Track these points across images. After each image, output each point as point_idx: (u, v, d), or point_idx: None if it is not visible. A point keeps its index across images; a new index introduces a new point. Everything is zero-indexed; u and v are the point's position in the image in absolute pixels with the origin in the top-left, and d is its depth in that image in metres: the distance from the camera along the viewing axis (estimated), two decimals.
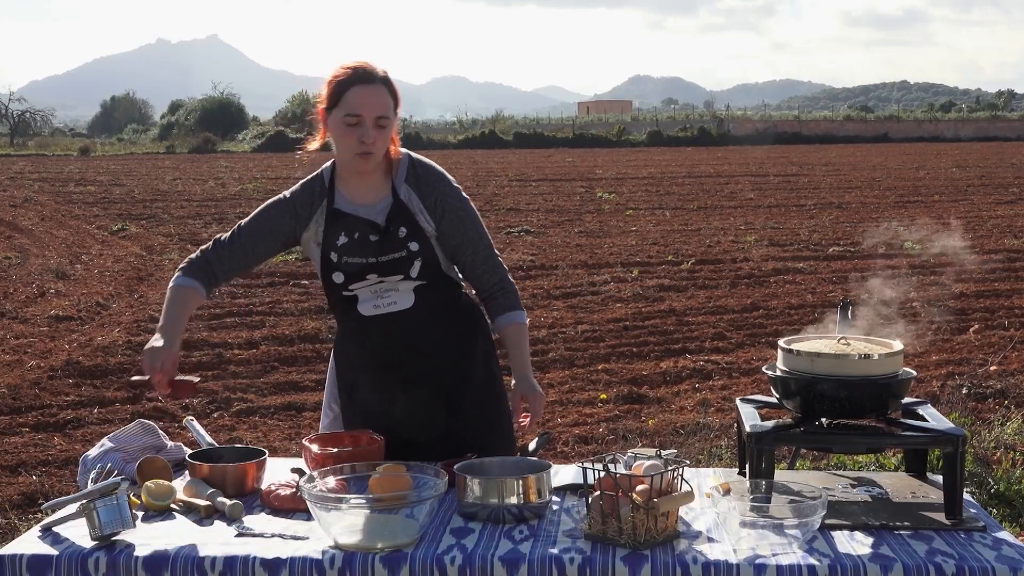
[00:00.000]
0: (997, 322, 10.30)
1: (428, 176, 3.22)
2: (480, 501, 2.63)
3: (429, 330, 3.18)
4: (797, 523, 2.47)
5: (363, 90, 3.06)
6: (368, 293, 3.16)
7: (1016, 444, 6.35)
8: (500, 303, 3.25)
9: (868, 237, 16.07)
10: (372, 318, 3.17)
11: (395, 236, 3.12)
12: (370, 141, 3.06)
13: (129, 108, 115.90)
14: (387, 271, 3.13)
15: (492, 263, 3.26)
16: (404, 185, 3.18)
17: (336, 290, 3.19)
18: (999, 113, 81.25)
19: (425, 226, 3.15)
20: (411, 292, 3.16)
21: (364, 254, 3.12)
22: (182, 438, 3.78)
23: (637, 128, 64.87)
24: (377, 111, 3.06)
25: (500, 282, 3.26)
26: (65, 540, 2.54)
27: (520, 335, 3.24)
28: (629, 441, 6.61)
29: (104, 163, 40.63)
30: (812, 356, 2.79)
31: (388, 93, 3.10)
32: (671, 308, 11.02)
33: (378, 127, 3.07)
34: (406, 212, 3.15)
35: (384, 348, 3.18)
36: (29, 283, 12.65)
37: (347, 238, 3.14)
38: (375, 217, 3.15)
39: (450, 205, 3.20)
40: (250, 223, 3.27)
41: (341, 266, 3.14)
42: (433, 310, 3.19)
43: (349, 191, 3.20)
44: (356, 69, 3.09)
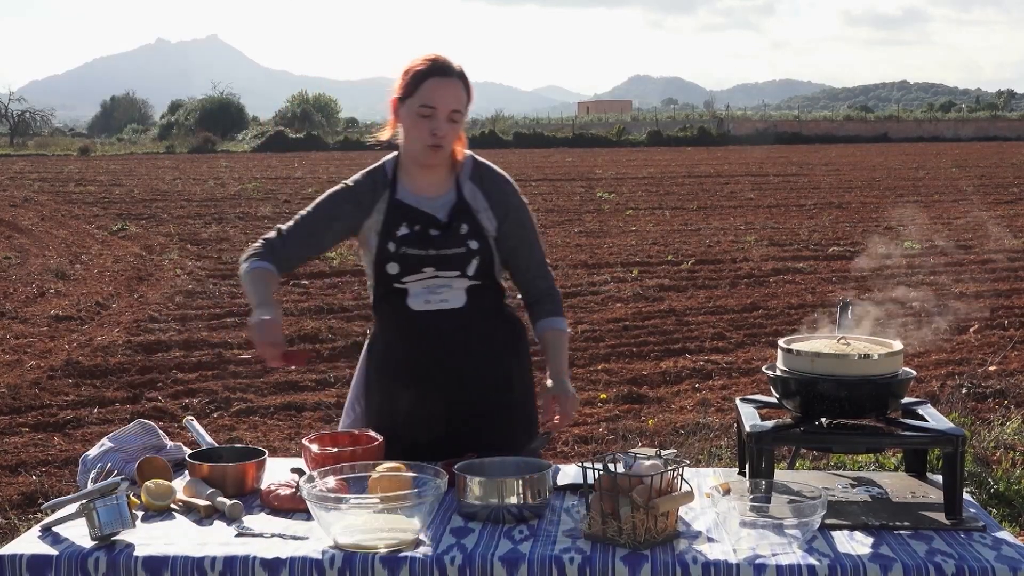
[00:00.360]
0: (997, 322, 10.30)
1: (493, 176, 3.25)
2: (480, 501, 2.63)
3: (476, 333, 3.18)
4: (797, 523, 2.47)
5: (439, 82, 3.07)
6: (420, 287, 3.14)
7: (1016, 444, 6.35)
8: (546, 308, 3.29)
9: (868, 240, 16.08)
10: (421, 313, 3.15)
11: (456, 232, 3.13)
12: (442, 134, 3.07)
13: (129, 108, 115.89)
14: (445, 266, 3.12)
15: (544, 270, 3.30)
16: (469, 182, 3.20)
17: (387, 281, 3.16)
18: (999, 113, 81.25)
19: (487, 225, 3.16)
20: (463, 292, 3.16)
21: (423, 246, 3.11)
22: (182, 438, 3.78)
23: (637, 128, 64.87)
24: (452, 104, 3.07)
25: (549, 289, 3.31)
26: (65, 540, 2.54)
27: (561, 340, 3.28)
28: (629, 441, 6.61)
29: (104, 163, 40.64)
30: (812, 356, 2.79)
31: (463, 88, 3.11)
32: (671, 308, 11.03)
33: (450, 121, 3.08)
34: (469, 210, 3.16)
35: (429, 345, 3.16)
36: (29, 283, 12.66)
37: (408, 229, 3.13)
38: (437, 211, 3.15)
39: (513, 206, 3.22)
40: (313, 211, 3.23)
41: (398, 257, 3.12)
42: (482, 314, 3.19)
43: (413, 183, 3.19)
44: (434, 61, 3.09)
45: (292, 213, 3.35)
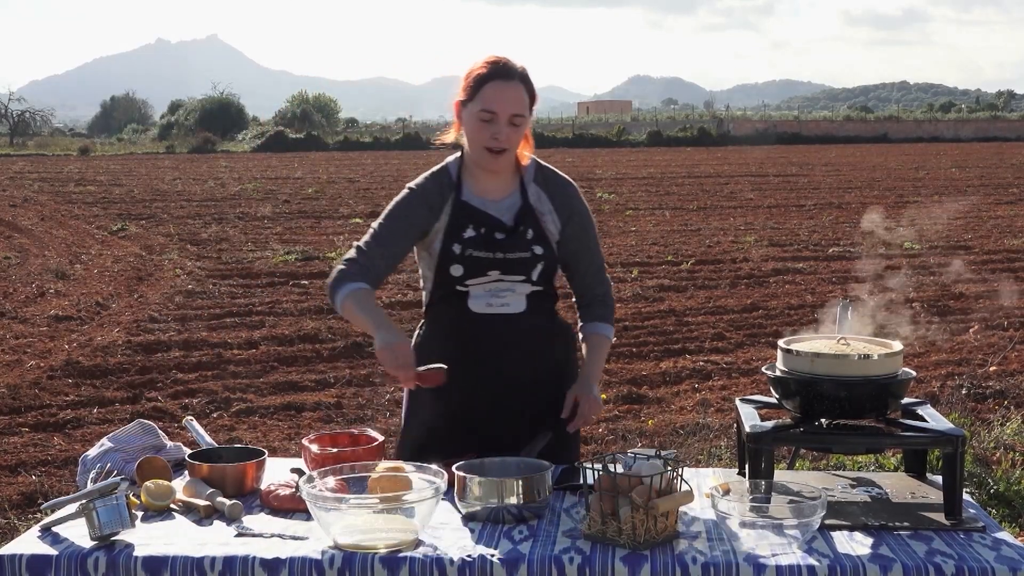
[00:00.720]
0: (997, 322, 10.30)
1: (557, 179, 3.24)
2: (480, 501, 2.63)
3: (533, 338, 3.19)
4: (797, 523, 2.47)
5: (500, 86, 3.05)
6: (482, 291, 3.13)
7: (1015, 444, 6.35)
8: (597, 312, 3.30)
9: (865, 239, 16.09)
10: (481, 316, 3.14)
11: (523, 236, 3.12)
12: (503, 138, 3.05)
13: (129, 108, 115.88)
14: (510, 270, 3.11)
15: (602, 275, 3.32)
16: (533, 185, 3.19)
17: (450, 283, 3.14)
18: (999, 113, 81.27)
19: (551, 228, 3.16)
20: (524, 297, 3.16)
21: (490, 249, 3.10)
22: (181, 438, 3.78)
23: (637, 128, 64.88)
24: (513, 109, 3.05)
25: (604, 295, 3.32)
26: (65, 540, 2.54)
27: (603, 346, 3.28)
28: (629, 441, 6.61)
29: (104, 163, 40.65)
30: (812, 356, 2.79)
31: (525, 91, 3.09)
32: (671, 308, 11.03)
33: (512, 125, 3.06)
34: (534, 213, 3.16)
35: (487, 348, 3.14)
36: (29, 283, 12.65)
37: (474, 232, 3.12)
38: (502, 214, 3.14)
39: (577, 210, 3.22)
40: (388, 221, 3.17)
41: (463, 259, 3.11)
42: (540, 319, 3.21)
43: (477, 185, 3.18)
44: (495, 64, 3.07)
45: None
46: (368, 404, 7.57)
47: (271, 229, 17.80)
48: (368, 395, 7.81)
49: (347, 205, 21.58)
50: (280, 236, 16.92)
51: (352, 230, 17.58)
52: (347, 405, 7.58)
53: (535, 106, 3.15)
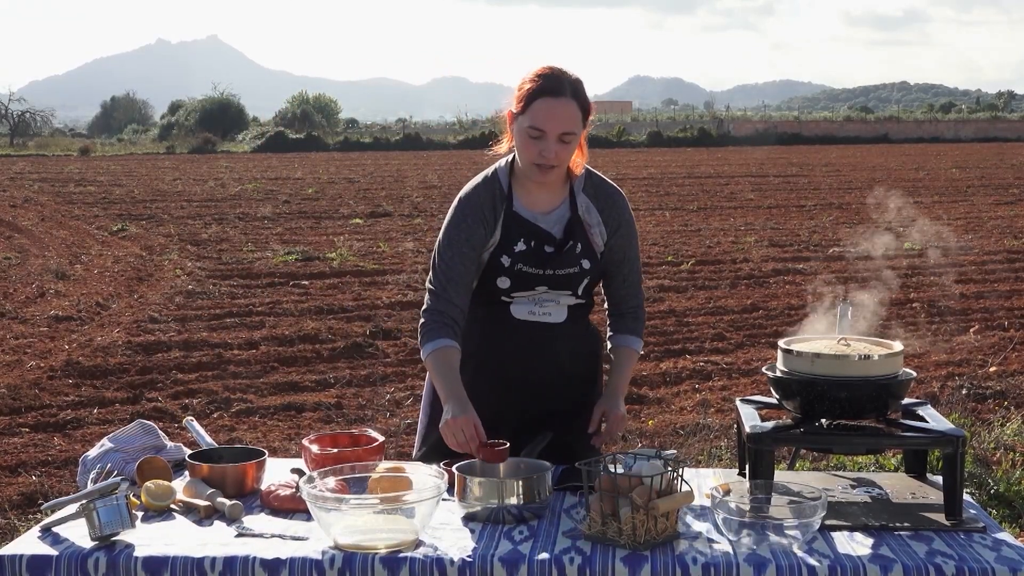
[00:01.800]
0: (997, 323, 10.30)
1: (606, 187, 3.20)
2: (480, 502, 2.63)
3: (568, 346, 3.19)
4: (797, 524, 2.47)
5: (550, 104, 2.95)
6: (527, 300, 3.14)
7: (1016, 445, 6.35)
8: (628, 324, 3.28)
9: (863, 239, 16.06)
10: (522, 322, 3.15)
11: (572, 251, 3.10)
12: (551, 156, 2.97)
13: (129, 108, 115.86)
14: (558, 285, 3.11)
15: (637, 289, 3.30)
16: (583, 195, 3.14)
17: (495, 293, 3.13)
18: (999, 114, 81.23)
19: (598, 240, 3.13)
20: (566, 308, 3.16)
21: (539, 265, 3.08)
22: (182, 438, 3.78)
23: (637, 129, 64.83)
24: (562, 127, 2.96)
25: (637, 308, 3.30)
26: (65, 540, 2.54)
27: (630, 359, 3.28)
28: (629, 442, 6.61)
29: (104, 163, 40.62)
30: (812, 357, 2.79)
31: (577, 106, 2.98)
32: (671, 308, 11.03)
33: (562, 143, 2.97)
34: (582, 226, 3.12)
35: (523, 354, 3.15)
36: (29, 283, 12.65)
37: (525, 246, 3.08)
38: (551, 227, 3.11)
39: (625, 220, 3.19)
40: (450, 252, 3.09)
41: (512, 273, 3.09)
42: (578, 328, 3.22)
43: (527, 196, 3.13)
44: (546, 78, 2.98)
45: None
46: (368, 404, 7.57)
47: (271, 229, 17.79)
48: (368, 395, 7.81)
49: (347, 205, 21.57)
50: (280, 236, 16.92)
51: (352, 230, 17.58)
52: (347, 405, 7.58)
53: (591, 117, 3.05)
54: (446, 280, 3.08)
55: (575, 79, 3.02)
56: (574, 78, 3.02)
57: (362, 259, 14.25)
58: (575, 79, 3.02)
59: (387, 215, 19.82)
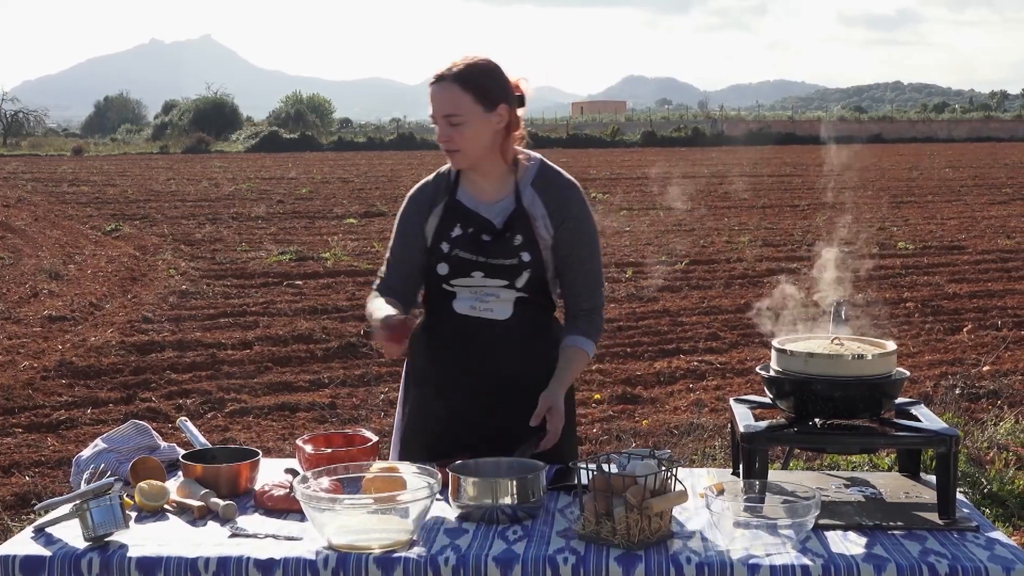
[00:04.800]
0: (990, 322, 10.32)
1: (557, 182, 3.17)
2: (474, 501, 2.63)
3: (519, 348, 3.14)
4: (791, 523, 2.47)
5: (433, 90, 3.04)
6: (468, 293, 3.13)
7: (1009, 444, 6.36)
8: (580, 327, 3.19)
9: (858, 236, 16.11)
10: (465, 318, 3.13)
11: (509, 242, 3.09)
12: (444, 139, 3.05)
13: (123, 108, 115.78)
14: (494, 274, 3.09)
15: (592, 289, 3.21)
16: (530, 188, 3.13)
17: (437, 281, 3.15)
18: (992, 114, 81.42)
19: (543, 233, 3.11)
20: (511, 304, 3.13)
21: (475, 251, 3.09)
22: (175, 439, 3.78)
23: (631, 128, 64.88)
24: (444, 109, 3.02)
25: (591, 310, 3.20)
26: (58, 541, 2.53)
27: (578, 360, 3.17)
28: (623, 441, 6.62)
29: (97, 163, 40.59)
30: (806, 356, 2.79)
31: (462, 88, 3.00)
32: (665, 308, 11.04)
33: (451, 125, 3.02)
34: (526, 218, 3.10)
35: (470, 351, 3.14)
36: (22, 283, 12.63)
37: (461, 231, 3.11)
38: (493, 217, 3.12)
39: (572, 214, 3.14)
40: (396, 239, 3.24)
41: (449, 257, 3.11)
42: (527, 329, 3.16)
43: (472, 187, 3.17)
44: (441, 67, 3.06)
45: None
46: (362, 404, 7.57)
47: (265, 229, 17.78)
48: (362, 395, 7.81)
49: (341, 205, 21.56)
50: (274, 236, 16.90)
51: (346, 230, 17.58)
52: (341, 405, 7.58)
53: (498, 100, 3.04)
54: (388, 268, 3.26)
55: (466, 65, 3.04)
56: (466, 65, 3.04)
57: (356, 259, 14.25)
58: (466, 65, 3.04)
59: (381, 215, 19.80)
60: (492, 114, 3.05)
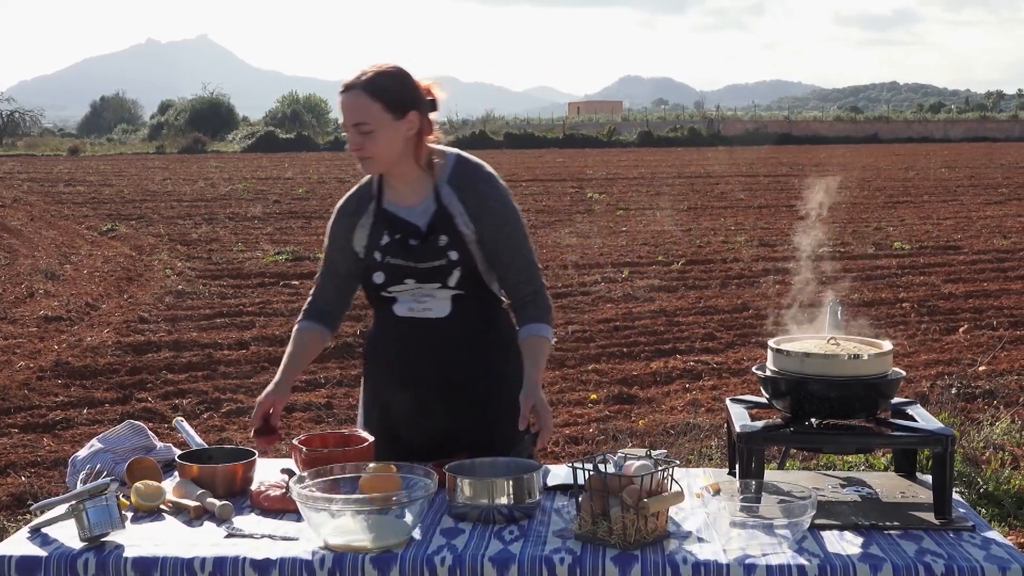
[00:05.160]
0: (986, 322, 10.33)
1: (471, 177, 3.15)
2: (470, 501, 2.63)
3: (462, 344, 3.14)
4: (787, 523, 2.48)
5: (342, 98, 3.05)
6: (406, 296, 3.14)
7: (1005, 444, 6.37)
8: (530, 314, 3.17)
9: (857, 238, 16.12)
10: (406, 319, 3.15)
11: (435, 244, 3.09)
12: (354, 147, 3.06)
13: (119, 108, 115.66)
14: (425, 278, 3.10)
15: (529, 274, 3.18)
16: (447, 187, 3.13)
17: (375, 290, 3.17)
18: (988, 114, 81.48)
19: (465, 230, 3.10)
20: (448, 301, 3.13)
21: (404, 257, 3.10)
22: (172, 439, 3.77)
23: (627, 128, 64.88)
24: (352, 118, 3.03)
25: (534, 294, 3.18)
26: (54, 541, 2.53)
27: (541, 348, 3.13)
28: (619, 441, 6.62)
29: (94, 163, 40.54)
30: (802, 356, 2.79)
31: (371, 97, 3.00)
32: (661, 308, 11.04)
33: (360, 133, 3.02)
34: (447, 217, 3.10)
35: (413, 351, 3.16)
36: (18, 283, 12.62)
37: (389, 238, 3.12)
38: (417, 220, 3.12)
39: (490, 208, 3.12)
40: (328, 250, 3.29)
41: (383, 266, 3.12)
42: (469, 324, 3.15)
43: (393, 193, 3.18)
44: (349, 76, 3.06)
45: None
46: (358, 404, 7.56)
47: (261, 229, 17.77)
48: (358, 395, 7.80)
49: None
50: (270, 236, 16.89)
51: None
52: (337, 405, 7.57)
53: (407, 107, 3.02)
54: (321, 277, 3.33)
55: (375, 74, 3.03)
56: (374, 73, 3.03)
57: None
58: (375, 74, 3.03)
59: None
60: (402, 121, 3.03)
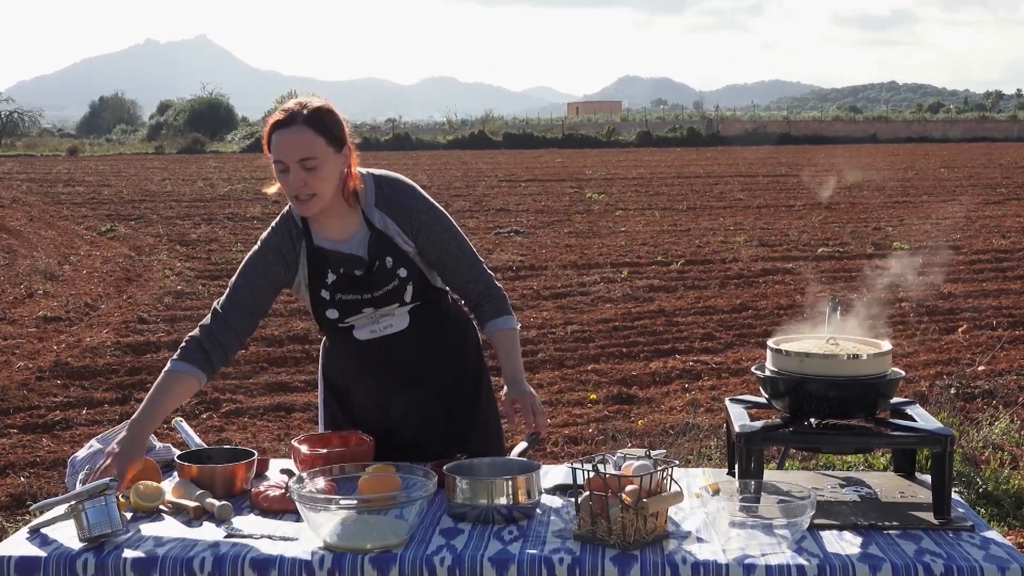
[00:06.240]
0: (985, 322, 10.33)
1: (397, 195, 3.12)
2: (469, 502, 2.63)
3: (422, 346, 3.19)
4: (786, 523, 2.48)
5: (282, 134, 2.94)
6: (364, 320, 3.14)
7: (1004, 444, 6.37)
8: (488, 310, 3.20)
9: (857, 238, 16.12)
10: (368, 342, 3.16)
11: (383, 269, 3.07)
12: (300, 185, 2.94)
13: (118, 108, 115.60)
14: (382, 303, 3.10)
15: (475, 272, 3.19)
16: (376, 211, 3.09)
17: (330, 324, 3.16)
18: (987, 114, 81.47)
19: (405, 248, 3.09)
20: (406, 314, 3.15)
21: (356, 290, 3.07)
22: (171, 439, 3.77)
23: (626, 128, 64.88)
24: (298, 154, 2.92)
25: (486, 290, 3.21)
26: (54, 542, 2.53)
27: (509, 340, 3.18)
28: (618, 441, 6.61)
29: (92, 163, 40.52)
30: (801, 356, 2.79)
31: (314, 131, 2.93)
32: (660, 308, 11.03)
33: (305, 169, 2.93)
34: (385, 239, 3.07)
35: (378, 366, 3.18)
36: (17, 284, 12.61)
37: (334, 275, 3.08)
38: (355, 250, 3.08)
39: (423, 221, 3.11)
40: (244, 281, 3.12)
41: (335, 303, 3.10)
42: (426, 328, 3.19)
43: (323, 229, 3.10)
44: (279, 113, 2.97)
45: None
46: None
47: (260, 230, 17.68)
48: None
49: None
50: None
51: None
52: None
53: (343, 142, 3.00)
54: (230, 305, 3.10)
55: (313, 108, 2.96)
56: (312, 108, 2.96)
57: None
58: (313, 108, 2.96)
59: None
60: (340, 155, 3.00)
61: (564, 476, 2.89)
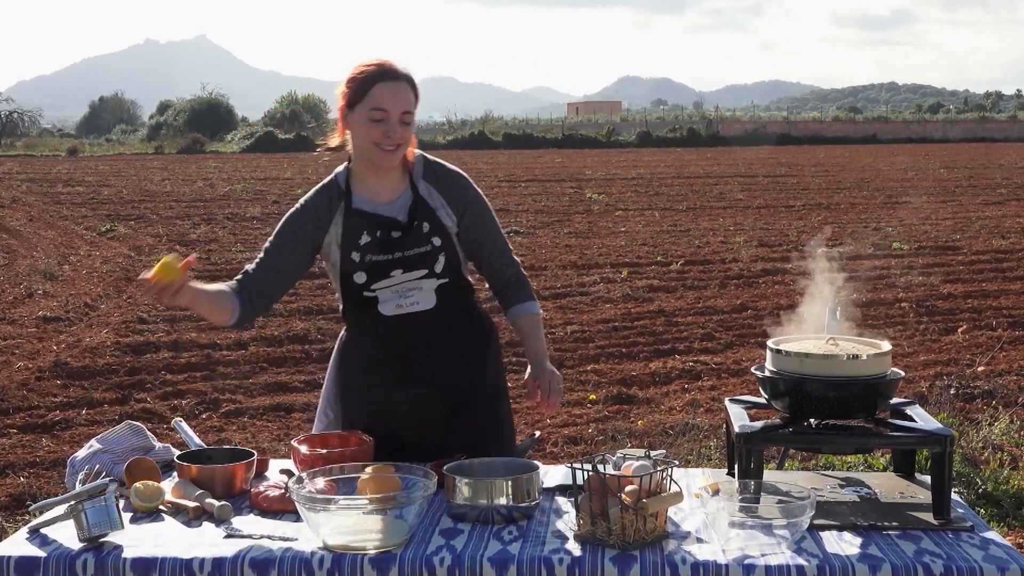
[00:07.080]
0: (985, 322, 10.33)
1: (447, 172, 3.26)
2: (469, 502, 2.63)
3: (448, 333, 3.20)
4: (786, 523, 2.48)
5: (389, 86, 3.09)
6: (390, 293, 3.15)
7: (1004, 444, 6.37)
8: (515, 294, 3.32)
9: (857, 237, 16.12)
10: (392, 319, 3.16)
11: (419, 231, 3.14)
12: (396, 136, 3.09)
13: (117, 108, 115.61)
14: (412, 266, 3.13)
15: (508, 257, 3.34)
16: (423, 181, 3.21)
17: (356, 291, 3.17)
18: (987, 114, 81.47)
19: (446, 222, 3.18)
20: (433, 292, 3.17)
21: (388, 251, 3.12)
22: (170, 439, 3.77)
23: (626, 129, 64.88)
24: (403, 106, 3.09)
25: (515, 275, 3.34)
26: (53, 542, 2.53)
27: (535, 324, 3.31)
28: (618, 442, 6.62)
29: (92, 163, 40.52)
30: (800, 356, 2.79)
31: (411, 90, 3.14)
32: (660, 309, 11.04)
33: (403, 123, 3.10)
34: (427, 208, 3.17)
35: (404, 348, 3.18)
36: (17, 284, 12.61)
37: (369, 237, 3.14)
38: (396, 214, 3.16)
39: (471, 200, 3.24)
40: (276, 240, 3.24)
41: (364, 265, 3.13)
42: (452, 314, 3.21)
43: (367, 190, 3.19)
44: (381, 66, 3.12)
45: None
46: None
47: (260, 230, 17.75)
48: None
49: None
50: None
51: None
52: None
53: (418, 106, 3.19)
54: (260, 265, 3.23)
55: (406, 68, 3.16)
56: (404, 67, 3.16)
57: None
58: (406, 68, 3.16)
59: None
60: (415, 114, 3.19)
61: (564, 476, 2.89)
